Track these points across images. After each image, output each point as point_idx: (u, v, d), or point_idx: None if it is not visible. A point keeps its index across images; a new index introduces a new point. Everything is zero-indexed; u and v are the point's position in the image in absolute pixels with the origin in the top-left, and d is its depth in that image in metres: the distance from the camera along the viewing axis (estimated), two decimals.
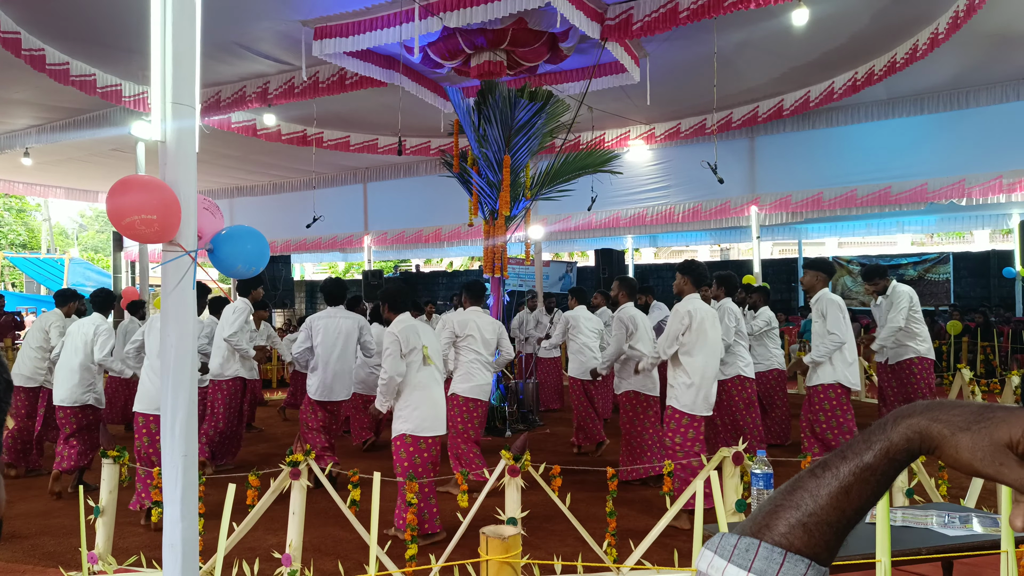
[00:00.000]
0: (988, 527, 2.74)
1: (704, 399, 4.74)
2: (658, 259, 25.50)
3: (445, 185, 10.46)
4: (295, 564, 3.59)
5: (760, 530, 0.64)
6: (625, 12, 7.00)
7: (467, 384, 5.52)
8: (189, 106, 2.56)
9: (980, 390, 7.18)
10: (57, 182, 15.33)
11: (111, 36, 7.56)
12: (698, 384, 4.72)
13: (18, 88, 9.18)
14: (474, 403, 5.53)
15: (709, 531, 3.25)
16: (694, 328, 4.74)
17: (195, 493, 2.60)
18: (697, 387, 4.72)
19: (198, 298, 5.45)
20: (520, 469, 3.69)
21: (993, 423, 0.60)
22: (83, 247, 33.62)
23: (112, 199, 2.49)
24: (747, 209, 11.42)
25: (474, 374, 5.55)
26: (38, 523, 5.00)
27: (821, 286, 5.46)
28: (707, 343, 4.76)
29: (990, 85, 9.79)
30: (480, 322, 5.67)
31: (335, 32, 7.24)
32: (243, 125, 10.58)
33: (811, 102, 9.84)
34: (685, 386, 4.74)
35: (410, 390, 4.55)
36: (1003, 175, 9.58)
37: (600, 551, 3.85)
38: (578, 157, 8.35)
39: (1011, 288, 14.69)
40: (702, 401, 4.73)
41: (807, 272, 5.63)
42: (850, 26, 7.81)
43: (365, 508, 3.62)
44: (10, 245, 28.24)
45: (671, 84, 9.30)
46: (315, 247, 15.82)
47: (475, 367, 5.56)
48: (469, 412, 5.50)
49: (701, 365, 4.73)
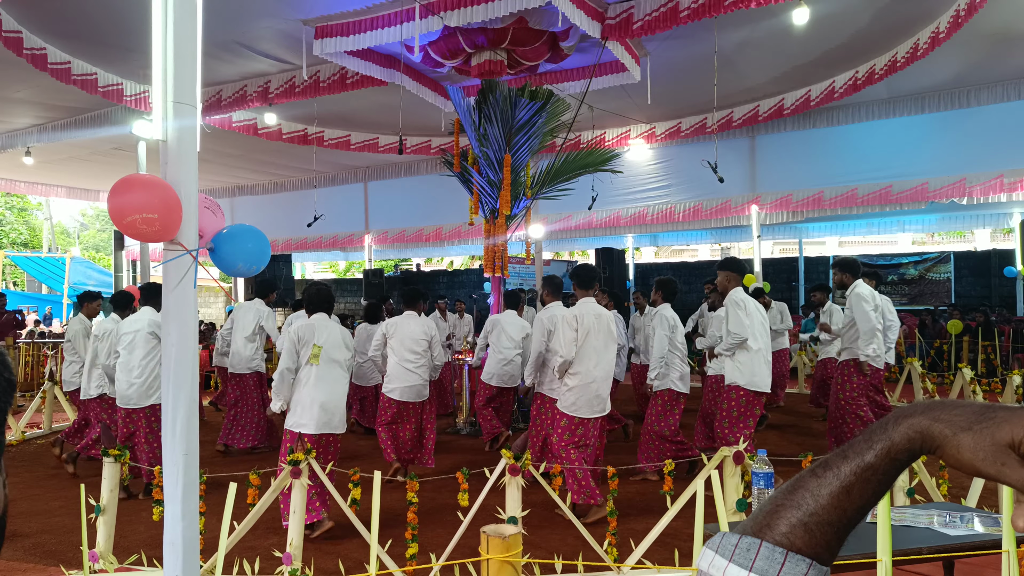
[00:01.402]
0: (989, 527, 2.74)
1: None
2: (659, 258, 25.49)
3: (446, 184, 10.47)
4: (296, 563, 3.59)
5: (761, 530, 0.64)
6: (626, 11, 7.00)
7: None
8: (190, 105, 2.56)
9: (981, 390, 7.19)
10: (58, 181, 15.33)
11: (112, 35, 7.56)
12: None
13: (20, 87, 9.18)
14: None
15: (710, 531, 3.25)
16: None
17: (196, 492, 2.61)
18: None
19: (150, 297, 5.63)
20: (521, 468, 3.69)
21: (995, 423, 0.60)
22: (84, 246, 33.64)
23: (113, 198, 2.49)
24: (748, 208, 11.41)
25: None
26: (39, 522, 5.00)
27: (733, 285, 5.47)
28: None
29: (991, 84, 9.78)
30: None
31: (336, 31, 7.24)
32: (244, 124, 10.58)
33: (812, 101, 9.84)
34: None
35: (298, 387, 4.69)
36: (1004, 174, 9.58)
37: (601, 550, 3.85)
38: (579, 156, 8.34)
39: (1012, 287, 14.67)
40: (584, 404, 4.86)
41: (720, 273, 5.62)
42: (851, 25, 7.81)
43: (366, 507, 3.63)
44: (12, 244, 28.25)
45: (672, 83, 9.29)
46: (316, 246, 15.82)
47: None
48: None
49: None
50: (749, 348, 5.22)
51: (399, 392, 5.95)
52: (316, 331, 4.72)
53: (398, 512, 4.60)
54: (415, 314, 6.21)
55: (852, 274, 5.96)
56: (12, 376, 0.74)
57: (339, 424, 4.74)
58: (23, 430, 7.96)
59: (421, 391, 6.03)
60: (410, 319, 6.14)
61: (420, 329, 6.09)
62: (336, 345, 4.76)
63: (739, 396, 5.27)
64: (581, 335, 4.83)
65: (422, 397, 6.04)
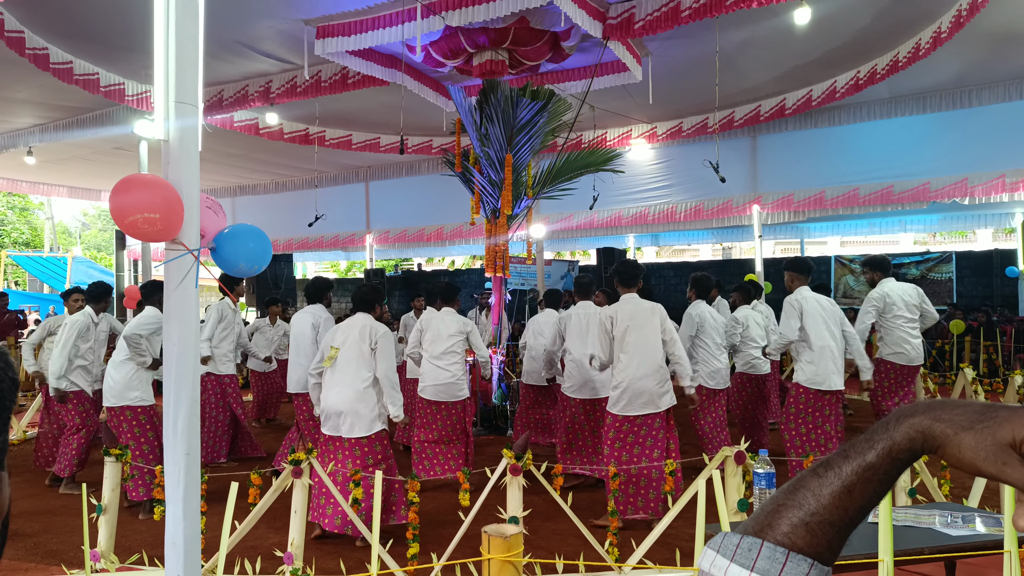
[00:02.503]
0: (991, 527, 2.74)
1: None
2: (660, 258, 25.48)
3: (447, 184, 10.46)
4: (297, 562, 3.60)
5: (763, 529, 0.64)
6: (627, 11, 7.00)
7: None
8: (192, 105, 2.56)
9: (983, 390, 7.18)
10: (60, 181, 15.33)
11: (114, 35, 7.57)
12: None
13: (21, 87, 9.19)
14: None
15: (711, 531, 3.25)
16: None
17: (197, 491, 2.61)
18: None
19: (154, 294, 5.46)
20: (522, 468, 3.69)
21: (996, 423, 0.60)
22: (86, 246, 33.65)
23: (115, 198, 2.49)
24: (749, 208, 11.40)
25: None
26: (41, 521, 5.01)
27: (797, 285, 5.58)
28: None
29: (993, 84, 9.77)
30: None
31: (337, 31, 7.25)
32: (245, 124, 10.58)
33: (813, 101, 9.82)
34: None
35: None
36: (1006, 174, 9.56)
37: (602, 550, 3.85)
38: (580, 156, 8.34)
39: (1014, 287, 14.65)
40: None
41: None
42: (852, 25, 7.80)
43: (367, 506, 3.63)
44: (13, 244, 28.28)
45: (673, 83, 9.29)
46: (317, 246, 15.82)
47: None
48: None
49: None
50: (812, 347, 5.22)
51: (431, 391, 5.72)
52: (337, 333, 4.69)
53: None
54: (452, 310, 6.01)
55: (883, 272, 5.93)
56: (14, 375, 0.74)
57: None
58: (24, 429, 7.97)
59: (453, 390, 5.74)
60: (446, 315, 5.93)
61: (455, 325, 5.87)
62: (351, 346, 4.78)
63: (798, 394, 5.27)
64: (620, 331, 4.73)
65: (456, 397, 5.75)
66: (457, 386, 5.70)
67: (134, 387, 5.30)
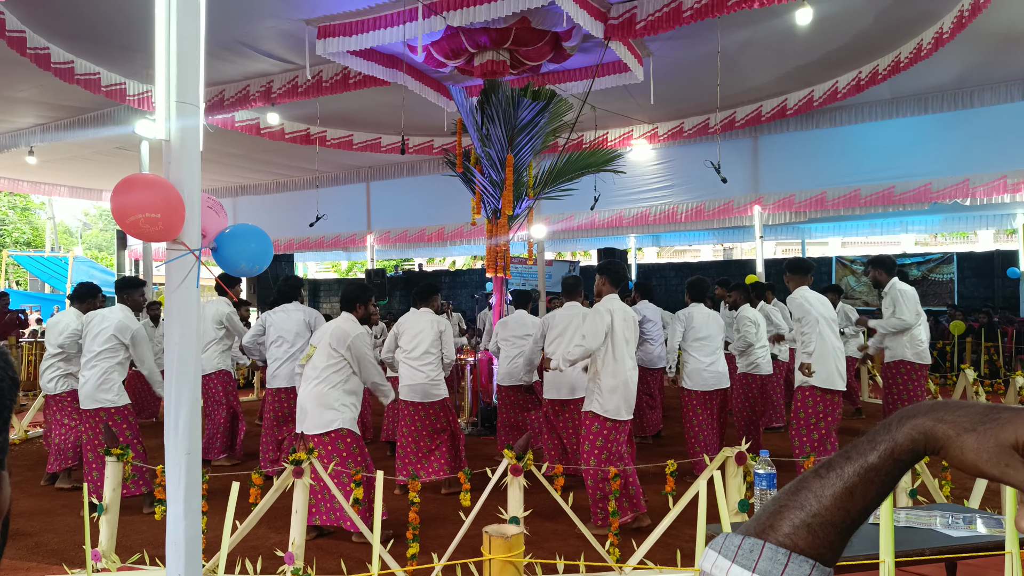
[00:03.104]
0: (992, 528, 2.73)
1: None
2: (661, 259, 25.47)
3: (448, 184, 10.46)
4: (298, 562, 3.60)
5: (764, 530, 0.64)
6: (629, 11, 6.99)
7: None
8: (193, 105, 2.57)
9: (984, 391, 7.17)
10: (61, 180, 15.35)
11: (116, 35, 7.57)
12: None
13: (23, 87, 9.20)
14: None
15: (712, 531, 3.25)
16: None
17: (198, 491, 2.61)
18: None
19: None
20: (523, 468, 3.69)
21: (998, 424, 0.59)
22: (87, 245, 33.67)
23: (116, 197, 2.49)
24: (750, 209, 11.40)
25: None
26: (42, 521, 5.01)
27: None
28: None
29: (995, 85, 9.76)
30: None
31: (339, 31, 7.25)
32: (247, 124, 10.59)
33: (815, 102, 9.82)
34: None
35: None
36: (1007, 175, 9.55)
37: (603, 551, 3.85)
38: (581, 156, 8.33)
39: (1015, 288, 14.64)
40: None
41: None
42: (854, 25, 7.79)
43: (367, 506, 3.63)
44: (15, 243, 28.31)
45: (674, 83, 9.28)
46: (318, 246, 15.83)
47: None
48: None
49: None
50: (819, 348, 5.23)
51: (406, 392, 5.68)
52: (321, 331, 4.81)
53: (400, 512, 4.61)
54: (429, 311, 5.91)
55: (887, 271, 5.87)
56: (15, 375, 0.74)
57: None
58: (25, 429, 7.97)
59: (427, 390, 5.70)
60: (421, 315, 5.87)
61: (430, 325, 5.80)
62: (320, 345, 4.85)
63: (804, 398, 5.26)
64: (618, 332, 4.71)
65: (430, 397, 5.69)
66: (432, 386, 5.63)
67: (106, 388, 5.28)
